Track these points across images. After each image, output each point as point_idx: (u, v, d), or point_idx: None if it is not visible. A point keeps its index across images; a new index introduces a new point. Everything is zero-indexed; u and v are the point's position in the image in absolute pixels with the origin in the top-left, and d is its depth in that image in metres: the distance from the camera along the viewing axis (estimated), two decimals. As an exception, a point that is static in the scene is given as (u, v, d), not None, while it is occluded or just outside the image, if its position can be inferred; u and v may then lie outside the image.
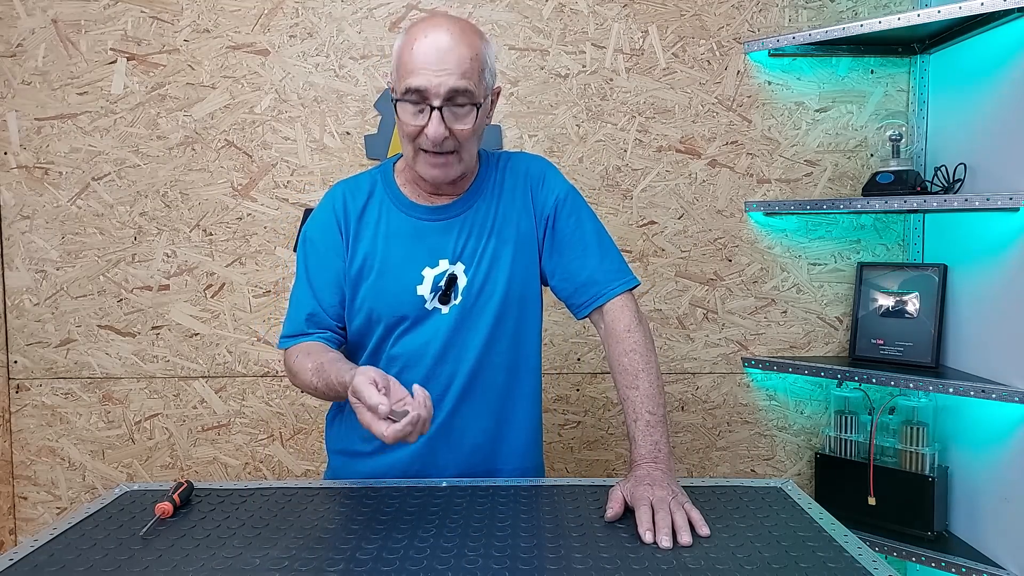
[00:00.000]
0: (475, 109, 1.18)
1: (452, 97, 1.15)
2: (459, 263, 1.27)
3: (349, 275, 1.29)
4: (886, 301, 1.93)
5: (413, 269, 1.26)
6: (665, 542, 0.98)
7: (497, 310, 1.28)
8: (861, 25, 1.78)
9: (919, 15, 1.70)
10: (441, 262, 1.27)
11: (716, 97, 2.00)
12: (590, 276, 1.29)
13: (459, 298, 1.26)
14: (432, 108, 1.15)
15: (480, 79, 1.18)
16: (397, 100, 1.18)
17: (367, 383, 1.00)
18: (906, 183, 1.82)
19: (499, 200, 1.31)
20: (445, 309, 1.27)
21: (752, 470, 2.07)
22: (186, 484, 1.16)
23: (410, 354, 1.27)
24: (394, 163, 1.35)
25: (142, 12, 1.97)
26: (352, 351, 1.34)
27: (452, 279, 1.26)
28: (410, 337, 1.27)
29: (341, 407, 1.40)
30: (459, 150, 1.20)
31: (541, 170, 1.33)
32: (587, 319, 1.32)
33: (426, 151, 1.19)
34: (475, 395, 1.28)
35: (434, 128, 1.15)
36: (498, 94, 1.29)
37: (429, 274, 1.26)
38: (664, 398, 1.22)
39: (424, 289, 1.26)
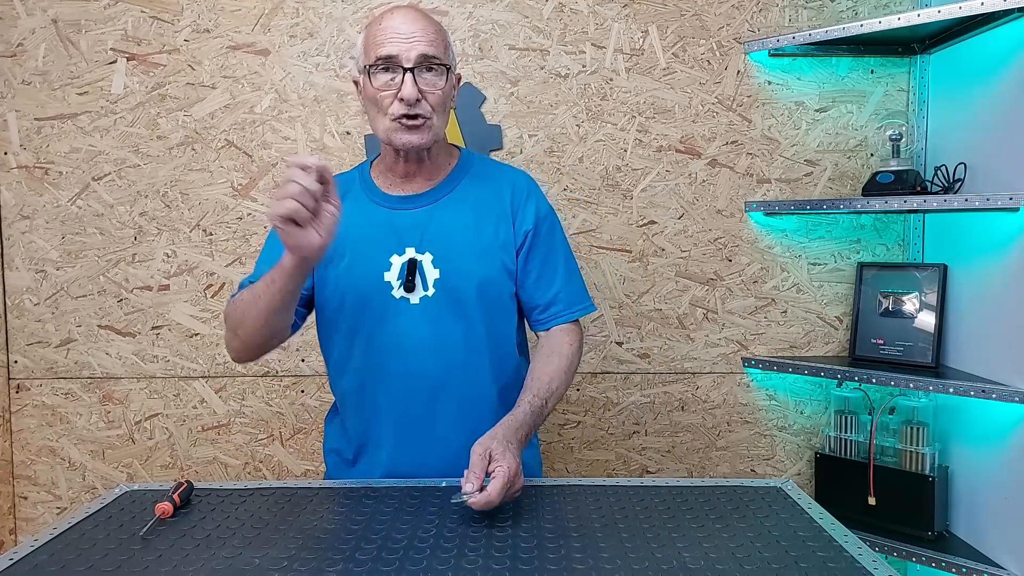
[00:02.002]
0: (445, 72, 1.24)
1: (422, 62, 1.21)
2: (426, 253, 1.29)
3: (319, 267, 1.30)
4: (886, 301, 1.93)
5: (381, 256, 1.29)
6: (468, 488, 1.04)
7: (473, 305, 1.29)
8: (861, 25, 1.78)
9: (919, 15, 1.70)
10: (408, 250, 1.29)
11: (716, 97, 2.00)
12: (552, 298, 1.36)
13: (431, 290, 1.28)
14: (404, 71, 1.20)
15: (446, 51, 1.26)
16: (369, 69, 1.22)
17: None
18: (906, 183, 1.82)
19: (477, 201, 1.33)
20: (413, 299, 1.28)
21: (752, 470, 2.07)
22: (186, 484, 1.16)
23: (380, 347, 1.28)
24: (372, 160, 1.40)
25: (142, 12, 1.97)
26: (328, 343, 1.36)
27: (413, 265, 1.28)
28: (380, 329, 1.28)
29: (337, 410, 1.40)
30: (430, 115, 1.24)
31: (527, 186, 1.38)
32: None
33: (399, 118, 1.23)
34: (451, 393, 1.29)
35: (407, 88, 1.20)
36: (459, 80, 1.35)
37: (397, 261, 1.29)
38: (556, 399, 1.29)
39: (391, 276, 1.28)
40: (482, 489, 1.04)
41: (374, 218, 1.31)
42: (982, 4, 1.59)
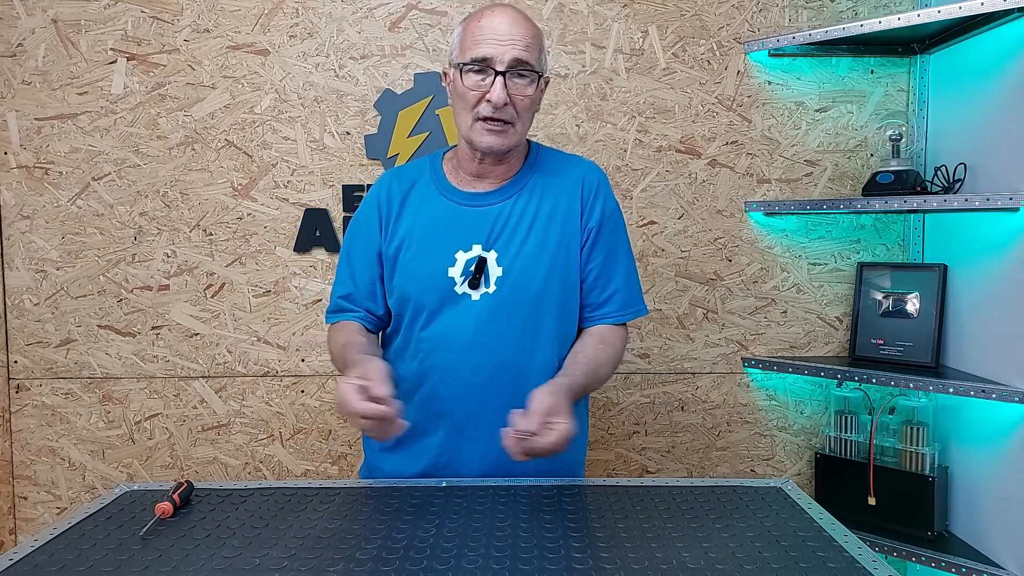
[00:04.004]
0: (536, 78, 1.25)
1: (514, 66, 1.22)
2: (492, 251, 1.29)
3: (387, 255, 1.33)
4: (886, 301, 1.93)
5: (447, 251, 1.30)
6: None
7: (533, 305, 1.29)
8: (861, 25, 1.78)
9: (919, 15, 1.70)
10: (475, 247, 1.29)
11: (716, 97, 2.00)
12: (608, 298, 1.35)
13: (492, 287, 1.28)
14: (496, 73, 1.22)
15: (540, 57, 1.27)
16: (462, 67, 1.24)
17: (350, 391, 1.07)
18: (906, 183, 1.82)
19: (544, 197, 1.33)
20: (475, 295, 1.28)
21: (752, 470, 2.07)
22: (186, 484, 1.16)
23: (438, 339, 1.29)
24: (444, 152, 1.40)
25: (142, 12, 1.97)
26: (389, 332, 1.38)
27: (481, 263, 1.28)
28: (440, 321, 1.29)
29: None
30: (515, 121, 1.25)
31: (597, 181, 1.36)
32: None
33: (484, 119, 1.24)
34: (503, 391, 1.27)
35: (497, 92, 1.21)
36: (547, 84, 1.34)
37: (462, 257, 1.29)
38: (598, 383, 1.32)
39: (455, 271, 1.29)
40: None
41: (442, 212, 1.32)
42: (982, 4, 1.59)
